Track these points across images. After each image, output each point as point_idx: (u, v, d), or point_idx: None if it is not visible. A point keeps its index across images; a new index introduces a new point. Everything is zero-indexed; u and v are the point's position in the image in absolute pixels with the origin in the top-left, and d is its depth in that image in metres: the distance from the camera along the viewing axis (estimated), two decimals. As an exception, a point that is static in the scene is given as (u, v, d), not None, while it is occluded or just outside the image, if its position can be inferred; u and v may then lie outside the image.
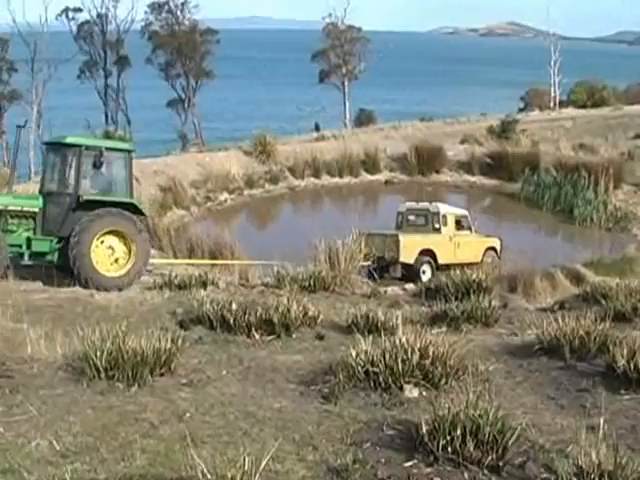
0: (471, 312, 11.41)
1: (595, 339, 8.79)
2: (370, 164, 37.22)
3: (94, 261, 15.60)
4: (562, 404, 7.42)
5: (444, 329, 10.26)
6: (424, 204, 24.69)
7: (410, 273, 21.17)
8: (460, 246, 23.29)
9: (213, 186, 32.31)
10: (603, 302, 12.93)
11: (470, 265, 20.72)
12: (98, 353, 7.73)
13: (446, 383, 7.51)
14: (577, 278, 17.55)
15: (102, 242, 15.86)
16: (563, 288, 16.44)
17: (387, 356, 7.52)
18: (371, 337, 8.34)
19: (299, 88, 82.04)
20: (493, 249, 24.22)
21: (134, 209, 16.44)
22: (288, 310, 10.27)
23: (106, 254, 15.92)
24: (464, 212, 24.61)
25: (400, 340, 7.77)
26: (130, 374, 7.60)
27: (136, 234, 16.09)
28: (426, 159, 37.05)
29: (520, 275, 15.84)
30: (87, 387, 7.53)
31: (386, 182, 36.91)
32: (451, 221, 23.68)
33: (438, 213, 23.66)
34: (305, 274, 15.01)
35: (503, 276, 16.46)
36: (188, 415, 6.83)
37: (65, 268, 15.73)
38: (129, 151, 17.28)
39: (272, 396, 7.56)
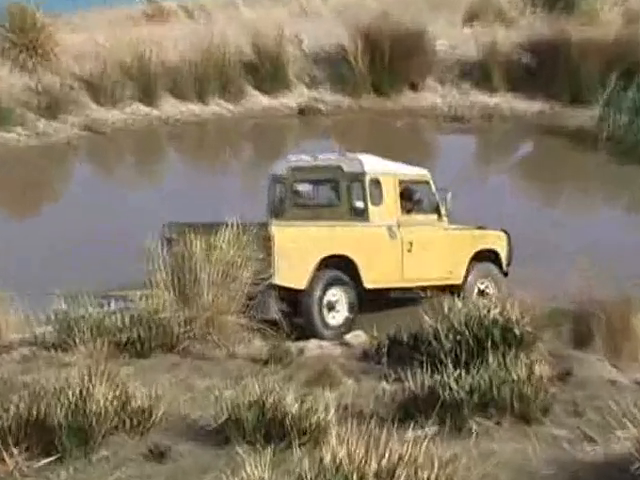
0: (490, 391, 7.11)
1: None
2: (267, 73, 21.95)
3: None
4: None
5: (431, 429, 6.65)
6: (329, 157, 14.09)
7: (300, 309, 11.87)
8: (414, 249, 13.20)
9: None
10: None
11: (436, 290, 12.64)
12: None
13: None
14: None
15: None
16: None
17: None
18: (270, 451, 5.32)
19: None
20: (490, 256, 14.06)
21: None
22: (86, 398, 6.32)
23: None
24: (421, 173, 14.10)
25: (335, 456, 4.85)
26: None
27: None
28: (390, 60, 21.88)
29: (600, 309, 9.85)
30: None
31: (302, 112, 22.09)
32: (391, 193, 13.23)
33: (361, 175, 13.12)
34: (124, 317, 9.43)
35: (560, 311, 10.40)
36: None
37: None
38: None
39: None
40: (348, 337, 10.32)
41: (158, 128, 21.05)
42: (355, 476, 4.66)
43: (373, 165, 13.31)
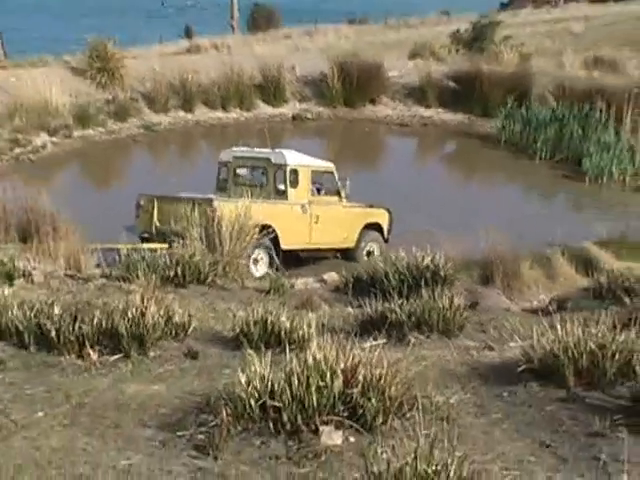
0: (423, 314, 8.80)
1: (614, 356, 6.21)
2: (271, 91, 29.52)
3: None
4: (563, 455, 5.27)
5: (382, 341, 7.93)
6: (262, 150, 18.30)
7: None
8: (320, 221, 17.36)
9: (23, 123, 23.81)
10: (626, 300, 10.07)
11: (337, 252, 17.52)
12: None
13: (384, 423, 5.50)
14: (586, 264, 13.56)
15: None
16: (565, 279, 12.99)
17: (295, 382, 5.53)
18: (270, 354, 6.18)
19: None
20: (376, 227, 18.41)
21: None
22: (142, 314, 7.77)
23: None
24: (328, 165, 18.22)
25: (315, 358, 5.77)
26: None
27: None
28: (357, 83, 29.51)
29: (499, 259, 12.18)
30: None
31: (294, 118, 29.47)
32: (305, 180, 17.37)
33: (283, 165, 17.15)
34: (169, 259, 11.72)
35: (472, 260, 12.82)
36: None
37: None
38: None
39: (117, 449, 5.30)
40: (325, 276, 13.45)
41: (194, 128, 28.16)
42: (328, 372, 5.62)
43: (293, 158, 17.60)
